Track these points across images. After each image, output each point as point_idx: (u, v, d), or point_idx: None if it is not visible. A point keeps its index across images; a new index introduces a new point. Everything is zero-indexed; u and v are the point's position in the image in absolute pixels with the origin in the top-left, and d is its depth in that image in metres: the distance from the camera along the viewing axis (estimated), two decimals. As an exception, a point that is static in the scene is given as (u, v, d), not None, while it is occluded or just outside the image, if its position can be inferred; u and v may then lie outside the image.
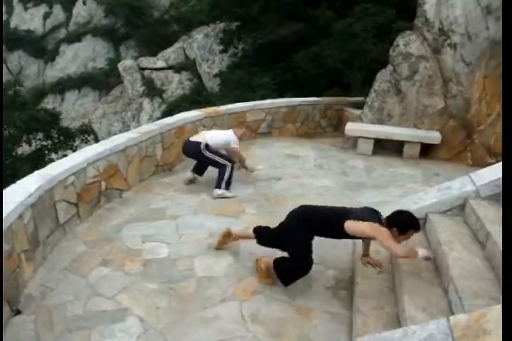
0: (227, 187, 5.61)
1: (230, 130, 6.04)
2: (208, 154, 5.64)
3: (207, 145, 5.68)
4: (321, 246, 4.20)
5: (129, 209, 5.03)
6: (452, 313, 2.73)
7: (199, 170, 5.98)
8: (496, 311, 2.11)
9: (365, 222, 3.31)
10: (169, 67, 19.92)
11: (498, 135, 6.76)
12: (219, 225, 4.57)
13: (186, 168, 6.48)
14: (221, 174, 5.61)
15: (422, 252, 3.25)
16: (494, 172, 3.95)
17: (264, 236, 3.88)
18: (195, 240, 4.34)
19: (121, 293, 3.50)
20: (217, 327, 3.16)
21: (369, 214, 3.42)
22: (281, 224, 3.70)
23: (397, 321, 3.05)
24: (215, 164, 5.70)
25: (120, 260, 3.94)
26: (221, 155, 5.75)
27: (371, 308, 3.21)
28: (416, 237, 3.96)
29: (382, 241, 3.22)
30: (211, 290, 3.56)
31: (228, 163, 5.66)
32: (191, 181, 5.97)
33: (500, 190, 3.81)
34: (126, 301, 3.40)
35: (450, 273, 3.14)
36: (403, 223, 3.36)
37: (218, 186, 5.55)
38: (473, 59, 7.21)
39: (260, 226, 3.96)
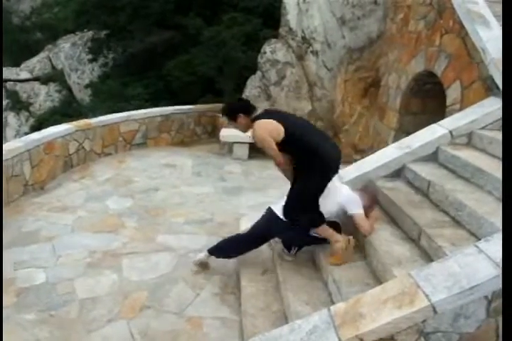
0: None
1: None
2: None
3: None
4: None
5: (-3, 236, 4.60)
6: (333, 303, 2.90)
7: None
8: (368, 296, 2.30)
9: None
10: (35, 79, 18.64)
11: (362, 133, 7.36)
12: (98, 242, 4.44)
13: (59, 186, 6.12)
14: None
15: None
16: (358, 168, 4.26)
17: None
18: (75, 260, 4.11)
19: (-6, 329, 3.19)
20: (105, 349, 3.03)
21: None
22: None
23: (284, 318, 3.16)
24: None
25: (-11, 293, 3.60)
26: None
27: (259, 309, 3.30)
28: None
29: None
30: (96, 312, 3.40)
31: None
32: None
33: (363, 183, 4.15)
34: (-1, 338, 3.11)
35: (328, 266, 3.35)
36: None
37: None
38: (333, 65, 7.79)
39: None
